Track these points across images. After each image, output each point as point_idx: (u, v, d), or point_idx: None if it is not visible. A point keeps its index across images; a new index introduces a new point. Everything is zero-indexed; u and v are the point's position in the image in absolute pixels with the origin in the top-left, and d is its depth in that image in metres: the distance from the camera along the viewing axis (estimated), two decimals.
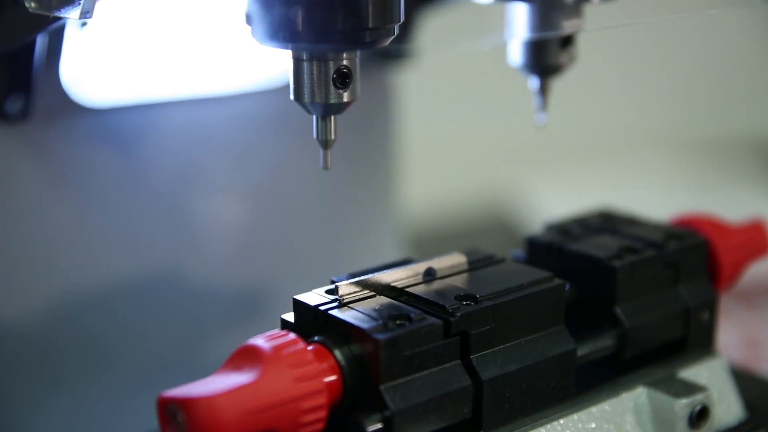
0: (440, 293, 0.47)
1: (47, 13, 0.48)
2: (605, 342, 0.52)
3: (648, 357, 0.54)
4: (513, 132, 1.21)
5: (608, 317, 0.52)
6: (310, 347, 0.43)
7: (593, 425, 0.49)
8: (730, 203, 1.16)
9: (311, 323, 0.45)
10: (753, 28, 1.46)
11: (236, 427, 0.39)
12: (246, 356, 0.42)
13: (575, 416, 0.49)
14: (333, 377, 0.43)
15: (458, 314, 0.45)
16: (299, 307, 0.46)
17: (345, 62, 0.46)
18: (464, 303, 0.46)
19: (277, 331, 0.43)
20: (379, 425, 0.42)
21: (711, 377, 0.54)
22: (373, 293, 0.47)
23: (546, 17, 0.56)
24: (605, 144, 1.36)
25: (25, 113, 0.60)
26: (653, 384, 0.52)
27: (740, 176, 1.32)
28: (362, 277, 0.47)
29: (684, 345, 0.55)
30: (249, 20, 0.45)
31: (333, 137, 0.48)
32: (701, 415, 0.51)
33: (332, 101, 0.46)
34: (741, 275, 0.59)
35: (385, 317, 0.44)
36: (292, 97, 0.47)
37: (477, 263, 0.51)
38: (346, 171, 0.76)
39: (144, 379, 0.67)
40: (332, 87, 0.46)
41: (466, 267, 0.51)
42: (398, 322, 0.43)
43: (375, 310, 0.45)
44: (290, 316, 0.47)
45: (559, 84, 0.61)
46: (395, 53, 0.73)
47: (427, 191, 1.18)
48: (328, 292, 0.47)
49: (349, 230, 0.77)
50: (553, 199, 1.18)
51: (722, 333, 0.59)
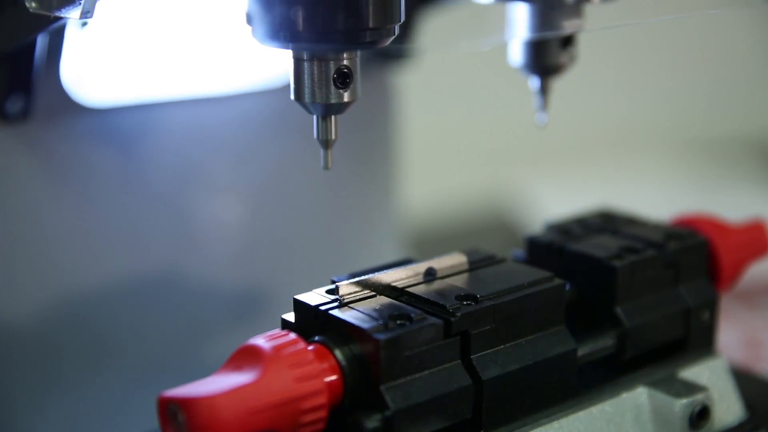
0: (441, 293, 0.47)
1: (48, 13, 0.48)
2: (606, 342, 0.52)
3: (648, 357, 0.54)
4: (513, 132, 1.21)
5: (609, 317, 0.52)
6: (311, 347, 0.43)
7: (593, 425, 0.49)
8: (730, 203, 1.16)
9: (312, 323, 0.45)
10: (753, 28, 1.46)
11: (236, 427, 0.39)
12: (246, 356, 0.42)
13: (575, 416, 0.49)
14: (333, 377, 0.43)
15: (459, 314, 0.45)
16: (299, 307, 0.46)
17: (345, 62, 0.46)
18: (465, 303, 0.46)
19: (278, 331, 0.43)
20: (379, 424, 0.42)
21: (711, 377, 0.54)
22: (374, 293, 0.47)
23: (546, 17, 0.56)
24: (605, 144, 1.36)
25: (26, 113, 0.60)
26: (654, 384, 0.52)
27: (740, 176, 1.32)
28: (362, 277, 0.47)
29: (684, 345, 0.55)
30: (249, 20, 0.45)
31: (333, 137, 0.48)
32: (701, 415, 0.51)
33: (333, 101, 0.46)
34: (741, 275, 0.59)
35: (386, 317, 0.44)
36: (293, 97, 0.47)
37: (477, 263, 0.51)
38: (347, 171, 0.76)
39: (144, 379, 0.67)
40: (333, 87, 0.46)
41: (467, 267, 0.51)
42: (399, 322, 0.43)
43: (375, 310, 0.45)
44: (290, 316, 0.47)
45: (559, 84, 0.61)
46: (395, 53, 0.73)
47: (427, 191, 1.18)
48: (329, 292, 0.47)
49: (350, 230, 0.77)
50: (553, 199, 1.18)
51: (722, 333, 0.59)
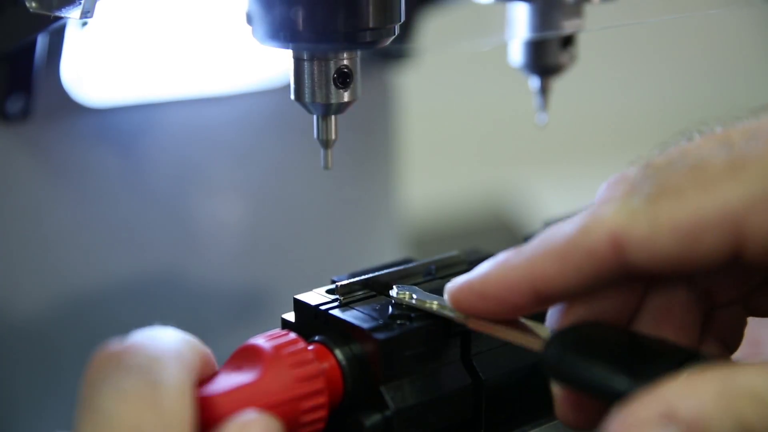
0: (440, 293, 0.47)
1: (48, 13, 0.48)
2: None
3: None
4: (513, 132, 1.21)
5: None
6: (311, 347, 0.43)
7: None
8: None
9: (312, 323, 0.45)
10: (753, 28, 1.46)
11: None
12: (247, 356, 0.42)
13: None
14: (333, 377, 0.43)
15: None
16: (300, 307, 0.46)
17: (346, 62, 0.46)
18: None
19: (278, 331, 0.43)
20: (379, 424, 0.42)
21: None
22: (374, 293, 0.47)
23: (546, 17, 0.56)
24: (605, 144, 1.36)
25: (26, 113, 0.60)
26: None
27: None
28: (363, 277, 0.47)
29: None
30: (249, 20, 0.45)
31: (333, 137, 0.48)
32: None
33: (333, 101, 0.46)
34: None
35: (386, 317, 0.44)
36: (293, 97, 0.47)
37: (477, 263, 0.51)
38: (347, 171, 0.76)
39: None
40: (333, 87, 0.46)
41: (466, 267, 0.51)
42: (399, 322, 0.43)
43: (375, 310, 0.45)
44: (291, 316, 0.47)
45: (560, 84, 0.61)
46: (396, 53, 0.73)
47: (427, 191, 1.18)
48: (329, 292, 0.47)
49: (350, 230, 0.77)
50: (553, 199, 1.18)
51: None
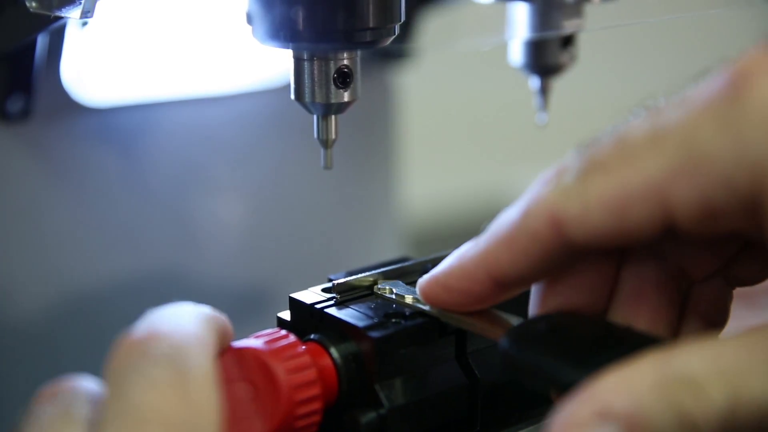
0: None
1: (48, 13, 0.48)
2: None
3: None
4: (513, 132, 1.21)
5: None
6: (306, 346, 0.43)
7: None
8: None
9: (307, 321, 0.45)
10: (753, 28, 1.46)
11: None
12: (243, 361, 0.41)
13: None
14: (328, 376, 0.43)
15: None
16: (295, 306, 0.46)
17: (346, 62, 0.46)
18: None
19: (273, 330, 0.43)
20: (374, 423, 0.42)
21: None
22: (369, 291, 0.47)
23: (547, 17, 0.56)
24: None
25: (26, 113, 0.60)
26: None
27: None
28: (358, 276, 0.47)
29: None
30: (250, 20, 0.45)
31: (334, 137, 0.48)
32: None
33: (333, 101, 0.46)
34: None
35: (381, 315, 0.44)
36: (293, 97, 0.47)
37: None
38: (347, 170, 0.76)
39: None
40: (333, 86, 0.46)
41: None
42: (394, 320, 0.43)
43: (371, 309, 0.45)
44: (286, 315, 0.47)
45: (560, 84, 0.61)
46: (396, 53, 0.73)
47: (427, 191, 1.18)
48: (324, 291, 0.47)
49: (350, 229, 0.77)
50: None
51: (723, 333, 0.59)
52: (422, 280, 0.42)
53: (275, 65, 0.70)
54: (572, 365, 0.35)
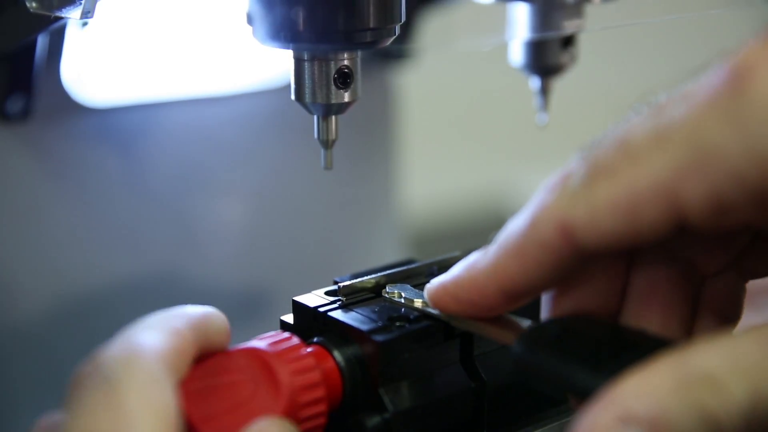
0: None
1: (48, 13, 0.48)
2: None
3: None
4: (513, 132, 1.21)
5: None
6: (310, 348, 0.43)
7: None
8: None
9: (311, 325, 0.45)
10: (753, 28, 1.46)
11: None
12: (248, 361, 0.41)
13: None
14: (332, 379, 0.42)
15: None
16: (298, 309, 0.46)
17: (346, 62, 0.46)
18: None
19: (276, 333, 0.43)
20: (378, 427, 0.42)
21: None
22: (374, 294, 0.47)
23: (547, 17, 0.56)
24: None
25: (26, 113, 0.60)
26: None
27: None
28: (363, 278, 0.47)
29: None
30: (250, 20, 0.45)
31: (334, 137, 0.48)
32: None
33: (333, 101, 0.46)
34: None
35: (385, 319, 0.44)
36: (294, 97, 0.47)
37: None
38: (347, 171, 0.76)
39: None
40: (333, 87, 0.46)
41: None
42: (398, 324, 0.43)
43: (375, 312, 0.44)
44: (289, 318, 0.47)
45: (560, 84, 0.61)
46: (396, 53, 0.73)
47: (428, 191, 1.18)
48: (328, 294, 0.46)
49: (350, 230, 0.77)
50: None
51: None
52: (431, 288, 0.42)
53: (275, 66, 0.70)
54: (589, 370, 0.35)
